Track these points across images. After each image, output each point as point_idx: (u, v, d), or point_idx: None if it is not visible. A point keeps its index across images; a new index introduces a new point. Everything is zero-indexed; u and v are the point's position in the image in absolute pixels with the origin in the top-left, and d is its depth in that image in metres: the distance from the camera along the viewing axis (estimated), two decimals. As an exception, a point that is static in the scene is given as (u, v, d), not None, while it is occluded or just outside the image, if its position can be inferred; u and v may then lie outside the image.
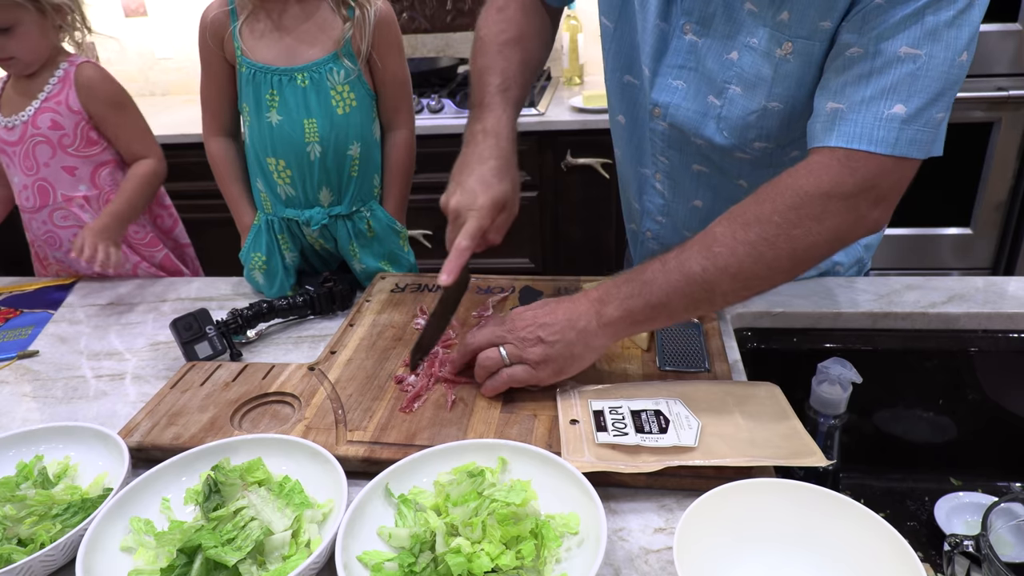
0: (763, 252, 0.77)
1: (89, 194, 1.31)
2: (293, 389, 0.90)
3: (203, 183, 1.46)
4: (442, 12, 2.73)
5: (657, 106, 0.98)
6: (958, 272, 2.35)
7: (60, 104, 1.26)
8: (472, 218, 0.89)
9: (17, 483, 0.77)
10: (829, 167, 0.77)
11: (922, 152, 0.76)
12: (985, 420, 1.08)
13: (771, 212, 0.77)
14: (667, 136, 1.01)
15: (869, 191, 0.77)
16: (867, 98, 0.76)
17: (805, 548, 0.66)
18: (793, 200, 0.77)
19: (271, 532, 0.67)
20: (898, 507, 1.07)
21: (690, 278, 0.79)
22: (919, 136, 0.75)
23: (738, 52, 0.88)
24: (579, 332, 0.81)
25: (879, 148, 0.75)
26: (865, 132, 0.75)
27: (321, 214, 1.23)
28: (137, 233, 1.37)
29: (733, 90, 0.90)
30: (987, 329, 1.04)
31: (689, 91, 0.95)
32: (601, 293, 0.83)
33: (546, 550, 0.65)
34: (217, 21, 1.18)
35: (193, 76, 2.88)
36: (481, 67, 1.02)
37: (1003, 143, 2.16)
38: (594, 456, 0.74)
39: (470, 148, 0.95)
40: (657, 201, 1.11)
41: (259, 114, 1.18)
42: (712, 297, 0.80)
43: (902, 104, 0.74)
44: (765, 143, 0.93)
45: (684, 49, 0.93)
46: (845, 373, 0.89)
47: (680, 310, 0.81)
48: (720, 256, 0.78)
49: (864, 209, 0.77)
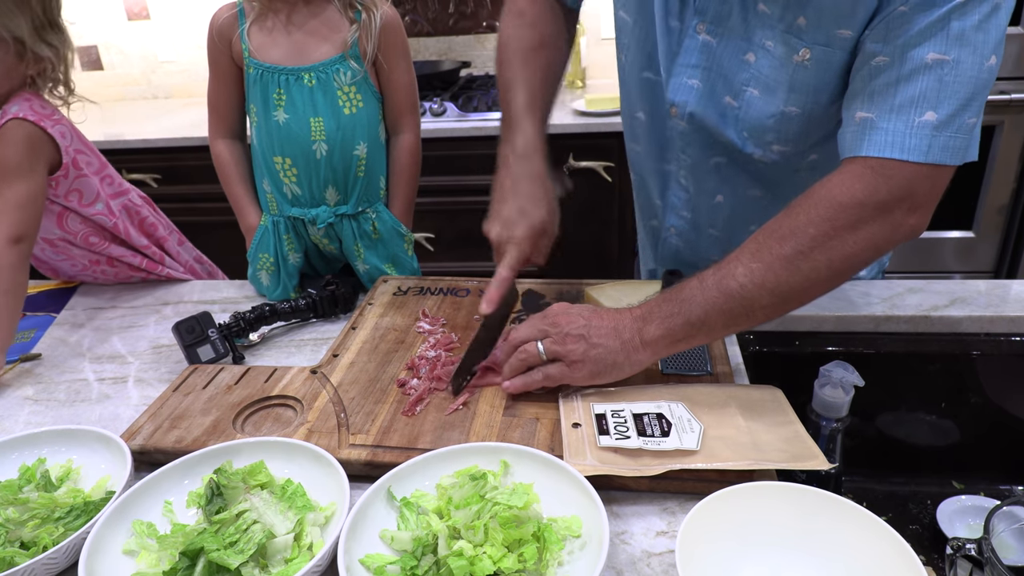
0: (800, 265, 0.76)
1: (67, 237, 1.22)
2: (295, 392, 0.90)
3: (204, 186, 1.46)
4: (444, 15, 2.74)
5: (674, 105, 0.98)
6: (961, 275, 2.35)
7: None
8: (512, 250, 0.92)
9: (20, 486, 0.77)
10: (863, 176, 0.76)
11: (956, 158, 0.75)
12: (988, 423, 1.08)
13: (806, 224, 0.76)
14: (687, 134, 1.01)
15: (904, 199, 0.76)
16: (896, 106, 0.75)
17: (807, 551, 0.65)
18: (827, 211, 0.76)
19: (273, 535, 0.68)
20: (901, 510, 1.07)
21: (729, 295, 0.78)
22: (952, 142, 0.74)
23: (755, 54, 0.88)
24: (623, 343, 0.81)
25: (912, 156, 0.74)
26: (897, 141, 0.75)
27: (327, 213, 1.24)
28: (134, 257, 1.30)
29: (751, 92, 0.90)
30: (989, 332, 1.04)
31: (704, 91, 0.94)
32: (643, 311, 0.82)
33: (548, 553, 0.65)
34: (225, 23, 1.20)
35: (195, 79, 2.89)
36: (507, 80, 1.02)
37: (1006, 147, 2.16)
38: (596, 459, 0.74)
39: (504, 172, 0.97)
40: (681, 196, 1.10)
41: (267, 113, 1.19)
42: (751, 313, 0.79)
43: (932, 111, 0.74)
44: (783, 146, 0.93)
45: (697, 48, 0.92)
46: (847, 376, 0.89)
47: (719, 327, 0.81)
48: (757, 271, 0.77)
49: (900, 217, 0.77)
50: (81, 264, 1.29)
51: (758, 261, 0.78)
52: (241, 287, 1.30)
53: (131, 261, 1.30)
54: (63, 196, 1.19)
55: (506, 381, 0.86)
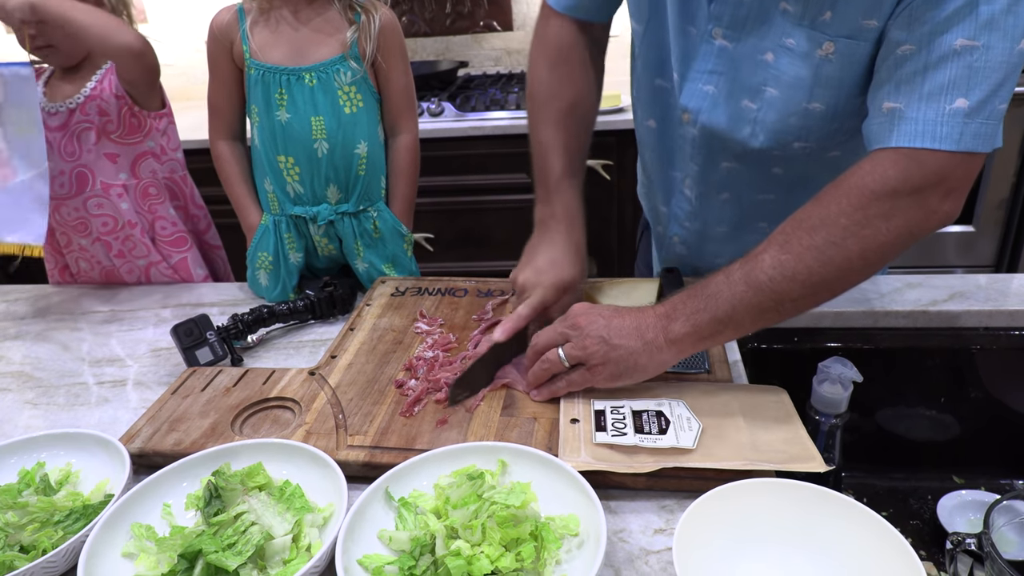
0: (832, 256, 0.75)
1: (128, 183, 1.31)
2: (294, 394, 0.90)
3: (204, 188, 1.46)
4: (441, 16, 2.74)
5: (687, 111, 0.97)
6: (961, 270, 2.35)
7: (105, 91, 1.27)
8: (537, 293, 0.93)
9: (19, 490, 0.77)
10: (896, 163, 0.75)
11: (986, 145, 0.74)
12: (987, 418, 1.07)
13: (837, 214, 0.75)
14: (697, 141, 0.99)
15: (938, 185, 0.74)
16: (925, 95, 0.73)
17: (805, 548, 0.65)
18: (859, 200, 0.74)
19: (272, 536, 0.68)
20: (901, 506, 1.07)
21: (757, 288, 0.76)
22: (983, 130, 0.73)
23: (773, 53, 0.86)
24: (646, 343, 0.80)
25: (944, 145, 0.73)
26: (928, 130, 0.73)
27: (328, 210, 1.24)
28: (164, 229, 1.37)
29: (770, 92, 0.88)
30: (988, 326, 1.04)
31: (720, 95, 0.93)
32: (668, 309, 0.81)
33: (546, 552, 0.65)
34: (226, 25, 1.20)
35: (194, 82, 2.88)
36: (544, 143, 1.01)
37: (1005, 141, 2.15)
38: (590, 456, 0.74)
39: (541, 233, 0.98)
40: (685, 207, 1.10)
41: (269, 113, 1.20)
42: (781, 306, 0.77)
43: (964, 98, 0.72)
44: (805, 143, 0.91)
45: (714, 54, 0.91)
46: (846, 372, 0.89)
47: (747, 322, 0.79)
48: (787, 263, 0.76)
49: (935, 203, 0.75)
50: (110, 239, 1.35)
51: (787, 253, 0.76)
52: (239, 289, 1.31)
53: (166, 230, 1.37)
54: (161, 132, 1.34)
55: (532, 391, 0.86)
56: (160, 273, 1.38)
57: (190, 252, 1.39)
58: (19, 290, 1.36)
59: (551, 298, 0.93)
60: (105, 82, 1.27)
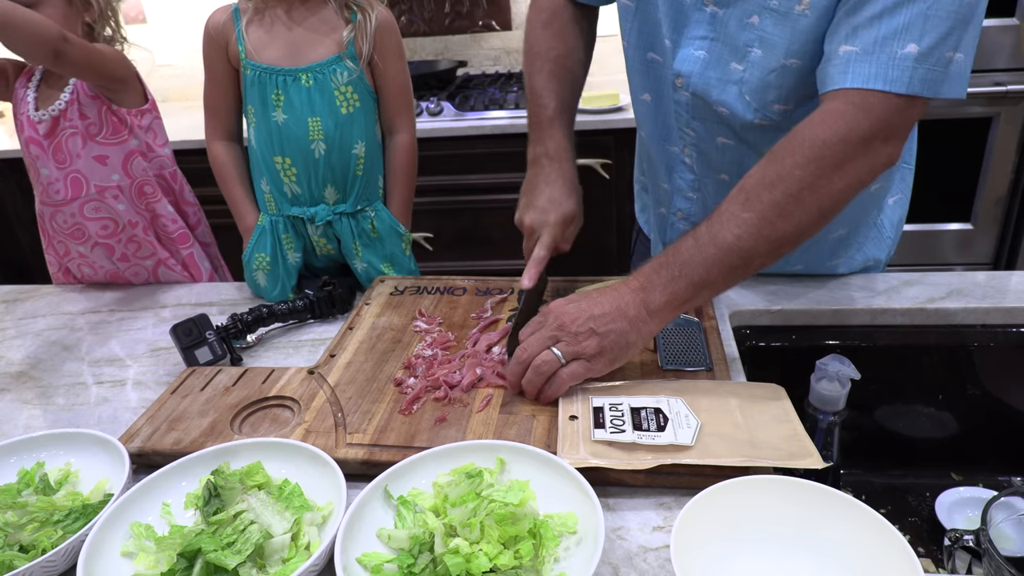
0: (791, 210, 0.78)
1: (122, 183, 1.30)
2: (293, 393, 0.90)
3: (202, 189, 1.46)
4: (440, 15, 2.74)
5: (680, 75, 0.99)
6: (961, 267, 2.35)
7: (82, 93, 1.26)
8: (546, 233, 1.00)
9: (19, 490, 0.77)
10: (844, 112, 0.78)
11: (931, 91, 0.78)
12: (985, 415, 1.08)
13: (792, 167, 0.78)
14: (691, 106, 1.02)
15: (883, 130, 0.78)
16: (880, 39, 0.77)
17: (803, 545, 0.66)
18: (812, 151, 0.78)
19: (271, 535, 0.68)
20: (899, 503, 1.07)
21: (726, 249, 0.80)
22: (930, 75, 0.77)
23: (758, 16, 0.89)
24: (630, 321, 0.82)
25: (893, 87, 0.77)
26: (880, 72, 0.77)
27: (326, 211, 1.24)
28: (166, 227, 1.37)
29: (755, 53, 0.91)
30: (986, 324, 1.04)
31: (711, 60, 0.96)
32: (642, 281, 0.83)
33: (544, 549, 0.65)
34: (222, 26, 1.20)
35: (193, 82, 2.89)
36: (537, 88, 1.09)
37: (1002, 138, 2.16)
38: (589, 452, 0.75)
39: (536, 171, 1.06)
40: (687, 176, 1.11)
41: (265, 114, 1.20)
42: (749, 263, 0.81)
43: (915, 43, 0.76)
44: (783, 104, 0.94)
45: (706, 21, 0.94)
46: (843, 370, 0.89)
47: (720, 282, 0.83)
48: (750, 222, 0.79)
49: (878, 147, 0.79)
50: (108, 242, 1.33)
51: (750, 211, 0.79)
52: (239, 289, 1.31)
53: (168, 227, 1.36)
54: (145, 129, 1.31)
55: (539, 397, 0.85)
56: (169, 270, 1.37)
57: (194, 248, 1.40)
58: (19, 290, 1.37)
59: (559, 233, 1.01)
60: (81, 83, 1.26)
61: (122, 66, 1.25)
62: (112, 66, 1.23)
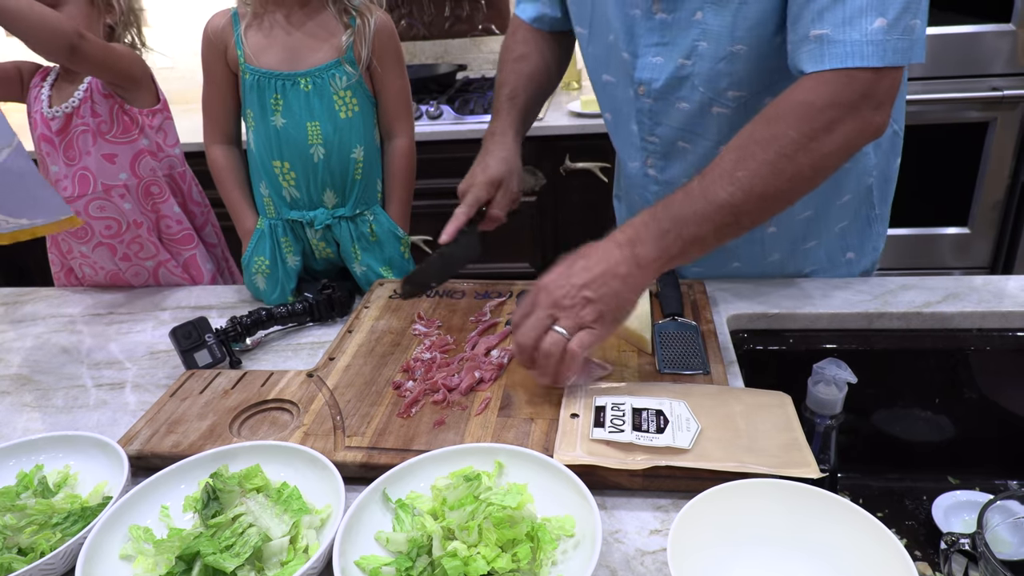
0: (784, 168, 0.80)
1: (129, 183, 1.30)
2: (292, 396, 0.91)
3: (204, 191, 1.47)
4: (440, 19, 2.74)
5: (642, 84, 1.03)
6: (959, 271, 2.35)
7: (96, 91, 1.26)
8: (471, 193, 1.06)
9: (17, 492, 0.78)
10: (827, 82, 0.81)
11: (904, 59, 0.81)
12: (982, 418, 1.08)
13: (785, 128, 0.80)
14: (653, 112, 1.05)
15: (869, 98, 0.81)
16: (848, 18, 0.79)
17: (800, 549, 0.66)
18: (803, 113, 0.80)
19: (269, 538, 0.68)
20: (896, 506, 1.07)
21: (719, 206, 0.81)
22: (900, 44, 0.80)
23: (702, 11, 0.93)
24: (622, 279, 0.82)
25: (871, 62, 0.79)
26: (856, 50, 0.79)
27: (325, 215, 1.25)
28: (170, 228, 1.37)
29: (702, 46, 0.95)
30: (982, 328, 1.04)
31: (666, 62, 0.99)
32: (630, 234, 0.83)
33: (542, 553, 0.65)
34: (221, 30, 1.20)
35: (194, 85, 2.87)
36: (498, 82, 1.20)
37: (999, 142, 2.16)
38: (585, 451, 0.75)
39: (483, 147, 1.13)
40: (653, 188, 1.14)
41: (264, 118, 1.20)
42: (739, 221, 0.82)
43: (882, 17, 0.78)
44: (738, 91, 0.97)
45: (657, 28, 0.98)
46: (840, 373, 0.89)
47: (711, 239, 0.83)
48: (744, 179, 0.80)
49: (868, 114, 0.81)
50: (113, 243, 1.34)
51: (743, 169, 0.80)
52: (238, 292, 1.31)
53: (172, 228, 1.37)
54: (156, 129, 1.33)
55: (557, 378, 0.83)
56: (170, 272, 1.38)
57: (197, 249, 1.40)
58: (18, 292, 1.37)
59: (484, 195, 1.06)
60: (96, 81, 1.27)
61: (138, 66, 1.27)
62: (127, 65, 1.24)
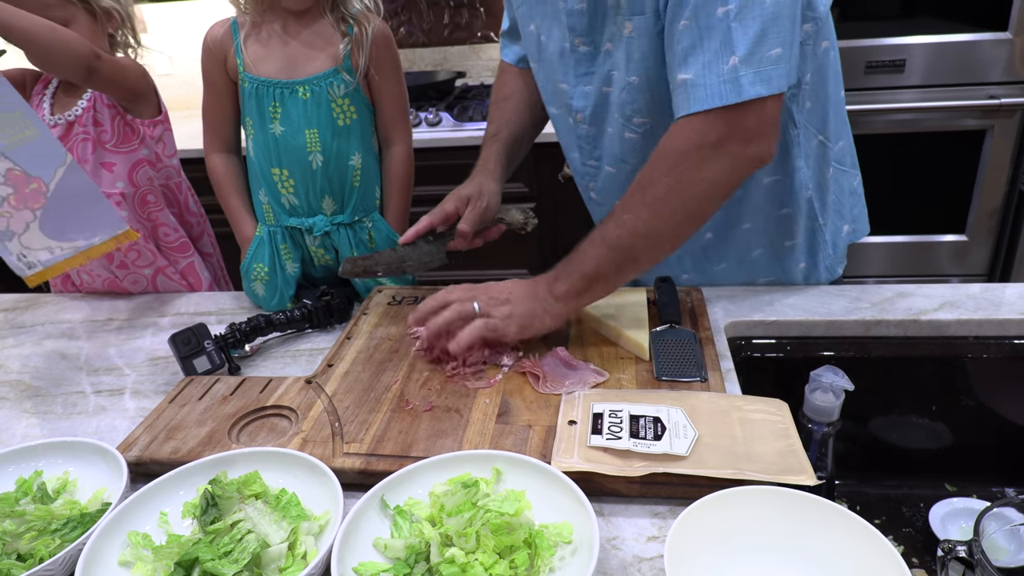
0: (660, 210, 0.88)
1: (126, 191, 1.31)
2: (290, 402, 0.91)
3: (202, 198, 1.47)
4: (439, 26, 2.75)
5: (579, 112, 1.10)
6: (956, 279, 2.36)
7: (99, 101, 1.27)
8: (438, 206, 1.13)
9: (16, 499, 0.78)
10: (693, 125, 0.87)
11: (768, 88, 0.84)
12: (979, 426, 1.08)
13: (659, 174, 0.88)
14: (589, 138, 1.12)
15: (735, 135, 0.86)
16: (707, 62, 0.85)
17: (797, 556, 0.66)
18: (673, 159, 0.88)
19: (267, 544, 0.68)
20: (893, 514, 1.07)
21: (611, 246, 0.91)
22: (759, 76, 0.84)
23: (611, 43, 0.99)
24: (539, 301, 0.96)
25: (728, 100, 0.84)
26: (714, 92, 0.84)
27: (324, 222, 1.25)
28: (167, 235, 1.38)
29: (615, 75, 1.02)
30: (978, 336, 1.05)
31: (592, 91, 1.06)
32: (555, 272, 0.96)
33: (539, 559, 0.66)
34: (220, 39, 1.21)
35: (193, 92, 2.89)
36: (488, 117, 1.28)
37: (996, 150, 2.17)
38: (582, 458, 0.75)
39: None
40: (598, 212, 1.22)
41: (263, 126, 1.20)
42: (635, 258, 0.92)
43: (733, 55, 0.83)
44: (643, 118, 1.03)
45: (583, 59, 1.04)
46: (837, 381, 0.89)
47: (613, 275, 0.94)
48: (628, 221, 0.90)
49: (737, 150, 0.87)
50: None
51: (628, 212, 0.90)
52: (237, 299, 1.31)
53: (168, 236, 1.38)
54: (156, 140, 1.33)
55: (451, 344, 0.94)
56: (168, 279, 1.38)
57: (194, 257, 1.40)
58: (18, 298, 1.37)
59: (451, 208, 1.12)
60: (99, 93, 1.28)
61: (143, 80, 1.28)
62: (134, 80, 1.26)
